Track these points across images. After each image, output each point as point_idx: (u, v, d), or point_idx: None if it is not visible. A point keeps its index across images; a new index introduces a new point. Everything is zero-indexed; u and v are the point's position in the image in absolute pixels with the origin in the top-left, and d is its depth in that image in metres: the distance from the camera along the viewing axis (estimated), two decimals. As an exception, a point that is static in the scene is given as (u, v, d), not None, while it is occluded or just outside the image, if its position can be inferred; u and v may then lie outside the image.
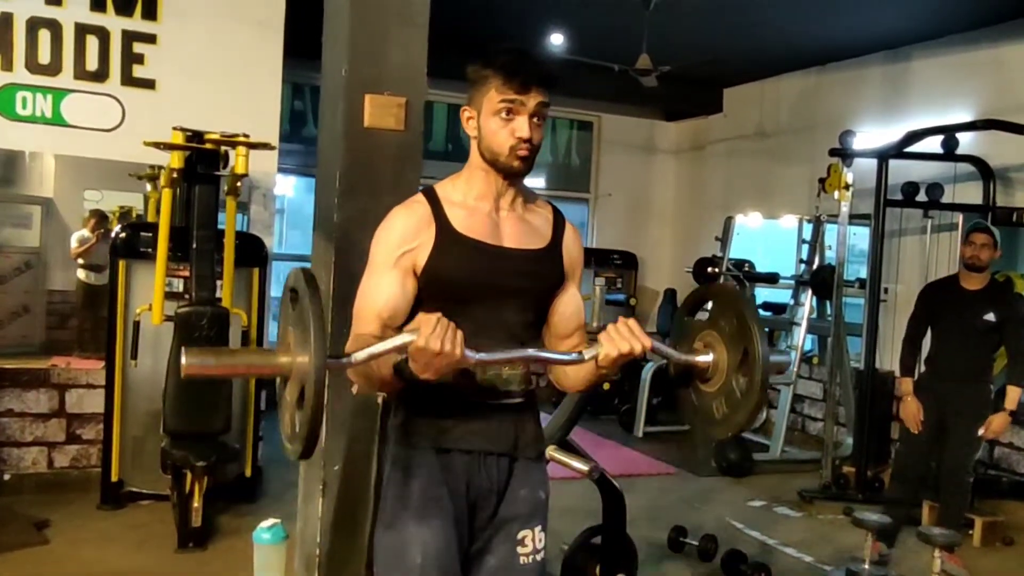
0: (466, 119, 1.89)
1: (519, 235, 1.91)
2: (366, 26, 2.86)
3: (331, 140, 2.93)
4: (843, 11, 6.10)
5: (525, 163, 1.84)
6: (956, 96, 6.20)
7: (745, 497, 5.78)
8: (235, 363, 1.72)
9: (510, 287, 1.88)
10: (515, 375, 1.90)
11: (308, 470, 2.99)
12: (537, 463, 2.00)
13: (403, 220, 1.87)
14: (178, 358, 4.03)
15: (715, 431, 1.90)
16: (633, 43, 5.99)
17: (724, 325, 1.82)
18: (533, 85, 1.79)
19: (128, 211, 7.29)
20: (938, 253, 6.03)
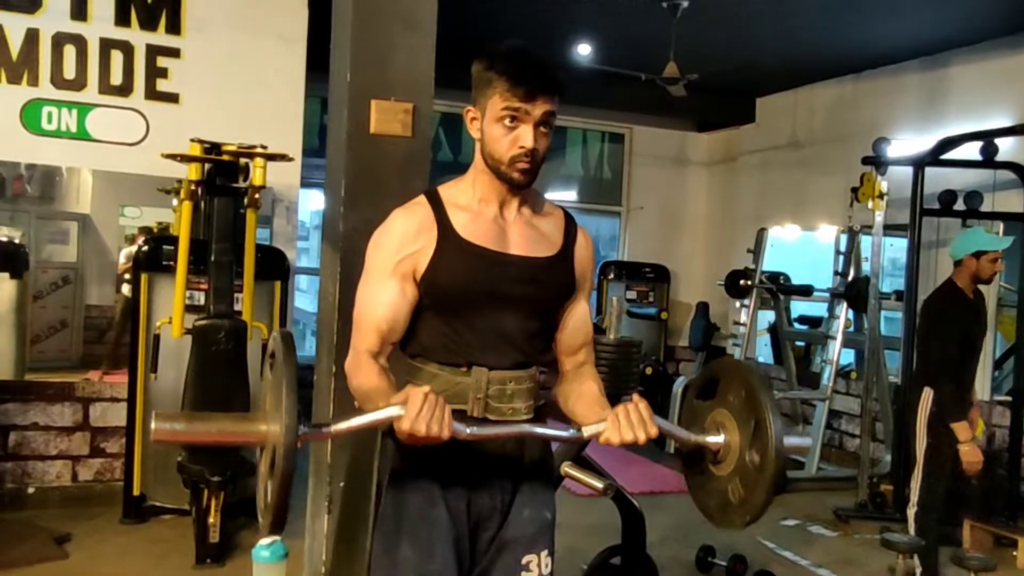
0: (470, 120, 1.80)
1: (526, 241, 1.82)
2: (370, 31, 2.81)
3: (337, 148, 2.88)
4: (878, 18, 5.95)
5: (526, 175, 1.76)
6: (995, 103, 6.00)
7: (778, 516, 5.61)
8: (207, 429, 1.62)
9: (514, 296, 1.79)
10: (521, 390, 1.81)
11: (316, 486, 2.92)
12: (543, 483, 1.90)
13: (403, 223, 1.80)
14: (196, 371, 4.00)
15: (733, 518, 1.77)
16: (661, 52, 5.89)
17: (733, 399, 1.74)
18: (539, 93, 1.71)
19: (167, 227, 7.36)
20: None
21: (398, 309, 1.78)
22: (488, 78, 1.73)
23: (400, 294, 1.77)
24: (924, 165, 5.46)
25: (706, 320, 8.16)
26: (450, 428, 1.56)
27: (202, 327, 4.28)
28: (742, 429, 1.72)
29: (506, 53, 1.75)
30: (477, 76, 1.77)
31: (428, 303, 1.79)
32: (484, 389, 1.77)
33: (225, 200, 4.36)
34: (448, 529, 1.78)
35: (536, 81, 1.71)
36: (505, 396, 1.79)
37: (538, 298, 1.83)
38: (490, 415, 1.78)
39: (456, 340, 1.79)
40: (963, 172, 5.73)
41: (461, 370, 1.78)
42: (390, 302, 1.77)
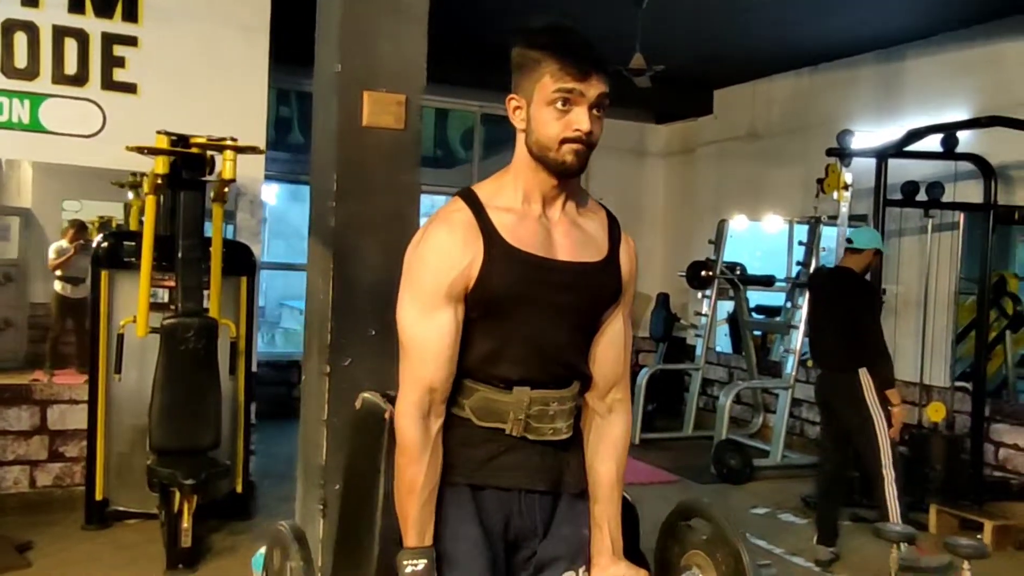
0: (513, 109, 1.65)
1: (573, 245, 1.70)
2: (359, 20, 2.72)
3: (325, 141, 2.79)
4: (835, 11, 6.02)
5: (579, 159, 1.60)
6: (952, 95, 6.12)
7: (748, 504, 5.67)
8: None
9: (560, 305, 1.68)
10: (563, 410, 1.72)
11: (307, 490, 2.84)
12: (581, 498, 1.81)
13: (448, 236, 1.63)
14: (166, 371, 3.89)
15: None
16: (625, 43, 5.87)
17: (721, 560, 1.79)
18: (594, 72, 1.58)
19: (108, 221, 7.12)
20: (939, 253, 5.94)
21: (454, 342, 1.65)
22: (535, 59, 1.60)
23: (455, 321, 1.64)
24: (888, 156, 5.55)
25: (667, 311, 8.23)
26: None
27: (171, 326, 4.14)
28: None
29: (552, 30, 1.62)
30: (520, 59, 1.63)
31: (474, 316, 1.67)
32: (525, 409, 1.68)
33: (192, 194, 4.23)
34: (482, 548, 1.70)
35: (589, 59, 1.58)
36: (547, 416, 1.70)
37: (586, 306, 1.73)
38: (529, 435, 1.69)
39: (499, 356, 1.68)
40: (923, 163, 5.83)
41: (501, 388, 1.68)
42: (452, 332, 1.64)
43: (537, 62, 1.60)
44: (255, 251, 5.13)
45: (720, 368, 8.22)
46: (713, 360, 8.14)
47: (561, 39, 1.60)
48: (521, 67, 1.63)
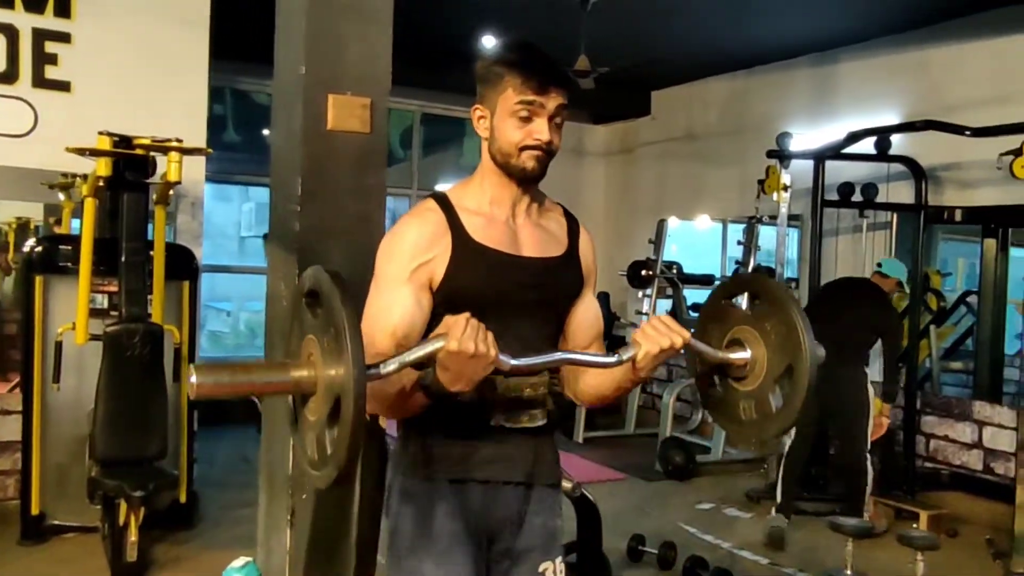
0: (477, 118, 1.76)
1: (537, 243, 1.79)
2: (324, 22, 2.68)
3: (288, 144, 2.74)
4: (770, 15, 6.17)
5: (540, 165, 1.72)
6: (883, 98, 6.32)
7: (693, 500, 5.76)
8: (251, 380, 1.49)
9: (531, 299, 1.76)
10: (538, 396, 1.77)
11: (271, 499, 2.78)
12: (553, 489, 1.88)
13: (416, 229, 1.72)
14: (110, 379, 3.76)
15: (739, 434, 1.80)
16: (565, 45, 5.91)
17: (771, 330, 1.69)
18: (553, 86, 1.69)
19: (26, 223, 6.86)
20: (874, 251, 6.14)
21: (413, 317, 1.69)
22: (498, 73, 1.70)
23: (415, 303, 1.69)
24: (826, 158, 5.69)
25: (607, 310, 8.30)
26: (496, 348, 1.51)
27: (115, 332, 4.01)
28: (772, 360, 1.69)
29: (515, 47, 1.74)
30: (485, 72, 1.74)
31: (443, 311, 1.69)
32: (502, 395, 1.73)
33: (136, 196, 4.09)
34: (466, 543, 1.75)
35: (549, 74, 1.70)
36: (522, 402, 1.75)
37: (552, 299, 1.81)
38: (507, 423, 1.74)
39: None
40: (855, 164, 6.01)
41: None
42: (405, 310, 1.68)
43: (500, 76, 1.70)
44: (197, 254, 5.00)
45: (660, 366, 8.32)
46: (653, 358, 8.22)
47: (524, 55, 1.71)
48: (485, 80, 1.73)
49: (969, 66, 5.83)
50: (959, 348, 7.77)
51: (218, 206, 13.51)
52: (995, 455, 5.48)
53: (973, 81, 5.77)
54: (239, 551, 4.47)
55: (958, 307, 7.82)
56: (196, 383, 1.39)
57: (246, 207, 17.33)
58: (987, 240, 5.85)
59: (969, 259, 9.65)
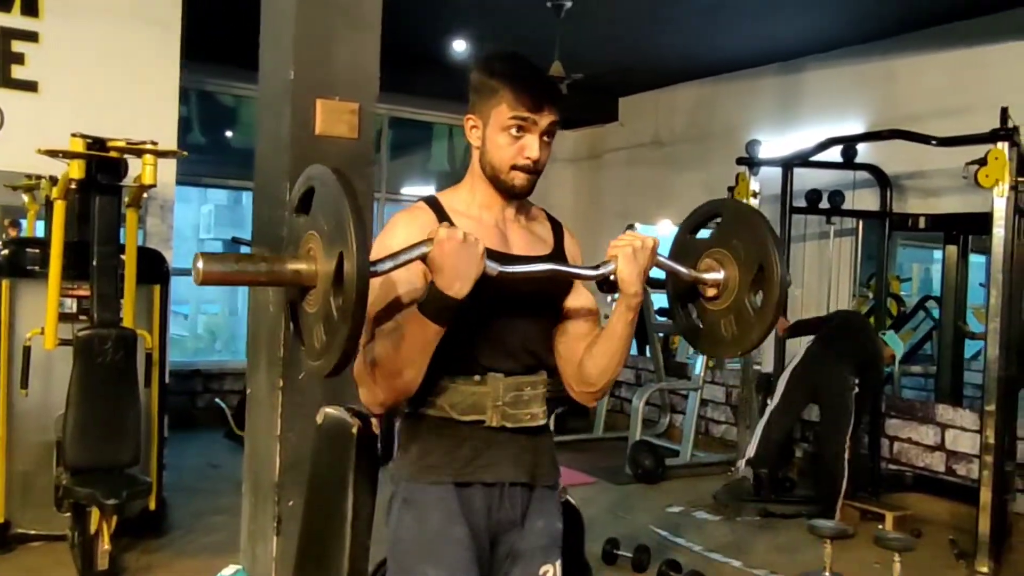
0: (470, 127, 1.79)
1: (525, 243, 1.83)
2: (313, 27, 2.67)
3: (275, 149, 2.72)
4: (738, 24, 6.25)
5: (528, 184, 1.77)
6: (847, 107, 6.44)
7: (663, 504, 5.81)
8: (256, 269, 1.53)
9: (521, 295, 1.78)
10: (536, 395, 1.80)
11: (257, 505, 2.76)
12: (553, 491, 1.90)
13: (407, 226, 1.74)
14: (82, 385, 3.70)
15: (723, 350, 1.86)
16: (540, 51, 5.95)
17: (737, 243, 1.76)
18: (546, 103, 1.71)
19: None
20: (840, 257, 6.25)
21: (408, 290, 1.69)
22: (493, 87, 1.72)
23: (409, 282, 1.69)
24: (794, 165, 5.79)
25: (575, 314, 8.32)
26: (483, 248, 1.56)
27: (86, 337, 3.94)
28: (743, 270, 1.76)
29: (510, 62, 1.75)
30: (479, 84, 1.75)
31: None
32: (501, 396, 1.75)
33: (109, 199, 4.03)
34: (470, 547, 1.76)
35: (543, 91, 1.72)
36: (522, 402, 1.78)
37: (543, 296, 1.83)
38: (508, 423, 1.76)
39: (468, 348, 1.75)
40: (820, 172, 6.11)
41: (475, 379, 1.75)
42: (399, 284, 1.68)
43: (494, 90, 1.71)
44: (167, 257, 4.94)
45: (627, 370, 8.39)
46: (620, 362, 8.29)
47: (518, 70, 1.72)
48: (479, 91, 1.75)
49: (930, 77, 5.96)
50: (918, 352, 7.95)
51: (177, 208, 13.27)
52: (957, 457, 5.61)
53: (934, 92, 5.91)
54: (211, 559, 4.45)
55: (917, 312, 8.01)
56: (203, 269, 1.42)
57: (205, 209, 17.12)
58: (949, 247, 5.99)
59: (924, 264, 9.88)
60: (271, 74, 2.77)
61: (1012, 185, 4.34)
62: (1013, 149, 4.36)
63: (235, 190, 9.87)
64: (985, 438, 4.44)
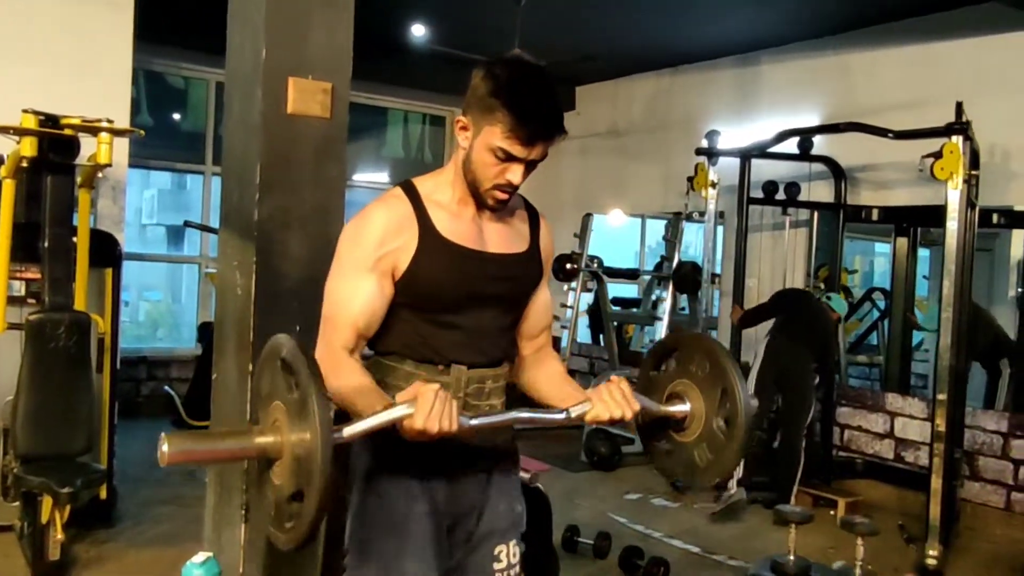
0: (459, 128, 1.74)
1: (502, 239, 1.82)
2: (286, 4, 2.60)
3: (245, 129, 2.65)
4: (696, 16, 6.29)
5: (502, 204, 1.75)
6: (803, 99, 6.53)
7: (620, 491, 5.85)
8: (223, 447, 1.57)
9: (493, 294, 1.80)
10: (497, 388, 1.83)
11: (222, 494, 2.70)
12: (514, 474, 1.94)
13: (383, 217, 1.73)
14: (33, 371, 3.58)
15: (702, 479, 1.88)
16: (500, 38, 5.91)
17: (696, 370, 1.81)
18: (540, 140, 1.66)
19: None
20: (795, 248, 6.34)
21: (376, 305, 1.73)
22: (491, 106, 1.64)
23: (378, 290, 1.72)
24: (751, 157, 5.85)
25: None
26: (458, 421, 1.55)
27: (38, 321, 3.81)
28: (707, 397, 1.81)
29: (516, 82, 1.65)
30: (479, 95, 1.67)
31: (405, 302, 1.75)
32: (463, 387, 1.77)
33: (61, 179, 3.90)
34: (431, 526, 1.78)
35: (543, 126, 1.65)
36: (483, 394, 1.80)
37: (515, 294, 1.85)
38: (467, 412, 1.75)
39: (435, 339, 1.77)
40: (775, 163, 6.18)
41: (438, 369, 1.77)
42: (368, 298, 1.71)
43: (491, 109, 1.64)
44: (120, 240, 4.80)
45: (582, 359, 8.43)
46: (575, 351, 8.33)
47: (522, 97, 1.63)
48: (478, 102, 1.67)
49: (884, 72, 6.07)
50: (864, 342, 8.13)
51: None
52: (905, 444, 5.75)
53: (887, 86, 6.02)
54: (163, 549, 4.37)
55: (864, 303, 8.18)
56: (168, 452, 1.43)
57: (148, 194, 16.69)
58: (900, 239, 6.11)
59: (867, 257, 10.09)
60: (240, 52, 2.69)
61: (965, 178, 4.43)
62: (967, 143, 4.46)
63: (182, 173, 9.62)
64: (936, 426, 4.54)
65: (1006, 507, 5.27)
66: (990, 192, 5.09)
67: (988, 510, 5.33)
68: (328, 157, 2.67)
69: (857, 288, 8.37)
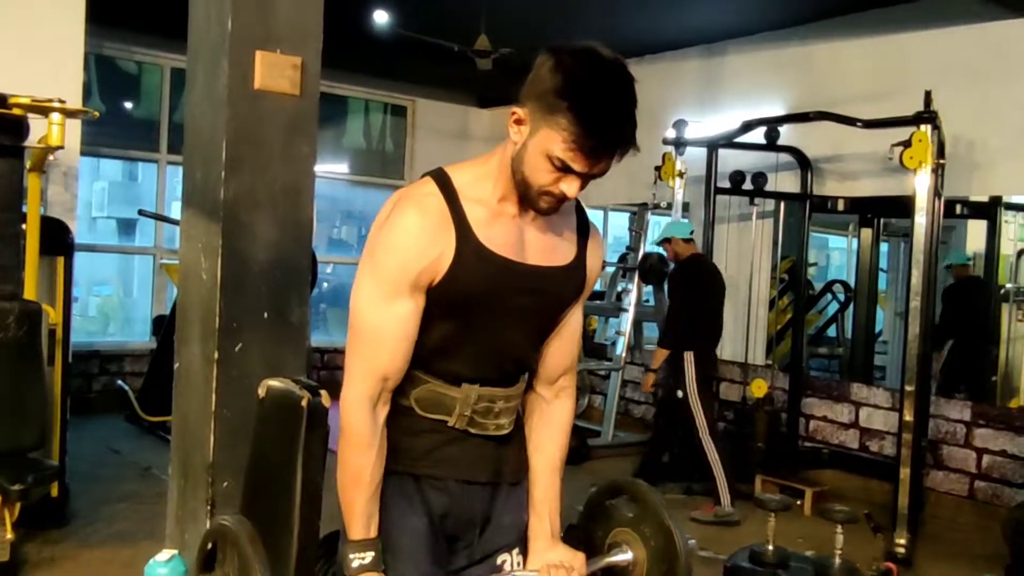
0: (514, 121, 1.51)
1: (545, 248, 1.63)
2: (252, -26, 2.48)
3: (210, 105, 2.53)
4: (661, 5, 6.25)
5: (555, 207, 1.55)
6: (768, 90, 6.52)
7: (588, 484, 5.71)
8: None
9: (526, 308, 1.63)
10: (508, 408, 1.70)
11: (186, 488, 2.57)
12: (519, 486, 1.81)
13: (418, 220, 1.52)
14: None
15: None
16: (467, 23, 5.82)
17: (650, 535, 1.78)
18: (607, 156, 1.46)
19: None
20: (762, 239, 6.34)
21: (411, 335, 1.57)
22: (556, 107, 1.43)
23: (416, 313, 1.56)
24: (719, 147, 5.82)
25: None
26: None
27: (-14, 311, 3.64)
28: (652, 562, 1.79)
29: (591, 85, 1.44)
30: (542, 89, 1.46)
31: (435, 311, 1.58)
32: (472, 405, 1.65)
33: (9, 162, 3.71)
34: (426, 537, 1.67)
35: (613, 141, 1.45)
36: (492, 413, 1.67)
37: (547, 310, 1.68)
38: (472, 429, 1.67)
39: (453, 352, 1.63)
40: (741, 153, 6.17)
41: (450, 383, 1.64)
42: (413, 324, 1.56)
43: (556, 111, 1.43)
44: (72, 228, 4.62)
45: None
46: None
47: (595, 106, 1.42)
48: (540, 93, 1.46)
49: (849, 63, 6.08)
50: (823, 334, 8.19)
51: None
52: (870, 434, 5.77)
53: (852, 77, 6.03)
54: (117, 548, 4.22)
55: (824, 295, 8.24)
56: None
57: (98, 186, 16.27)
58: (864, 230, 6.14)
59: (823, 251, 10.19)
60: (203, 24, 2.56)
61: (934, 167, 4.44)
62: (935, 132, 4.47)
63: (134, 162, 9.35)
64: (904, 416, 4.54)
65: (969, 495, 5.31)
66: (953, 183, 5.12)
67: (952, 498, 5.37)
68: (298, 133, 2.56)
69: (813, 280, 8.42)
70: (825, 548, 4.34)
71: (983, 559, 4.60)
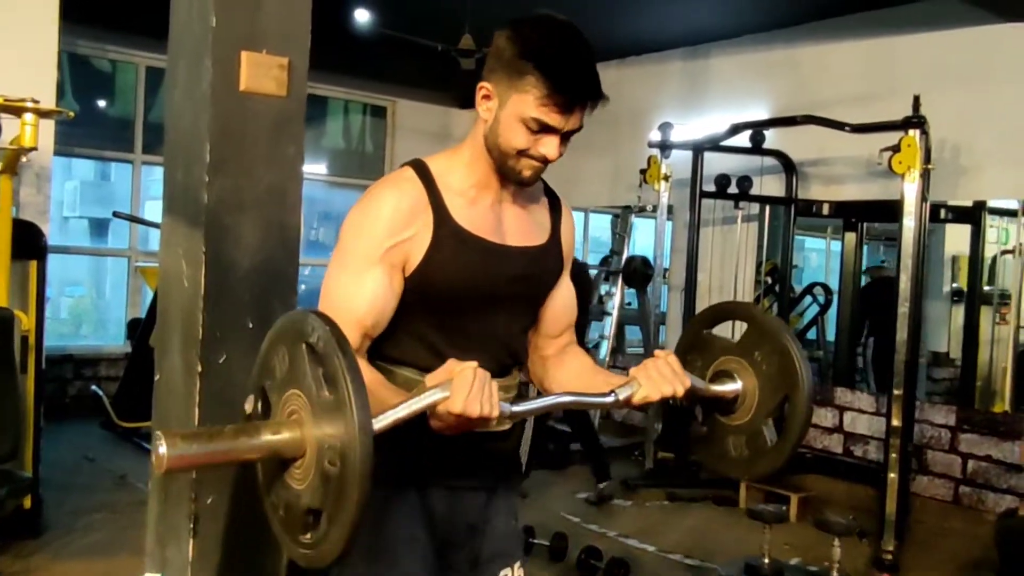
0: (482, 97, 1.55)
1: (522, 230, 1.65)
2: (237, -30, 2.39)
3: (192, 105, 2.43)
4: (645, 7, 6.21)
5: (535, 175, 1.57)
6: (754, 93, 6.50)
7: (571, 489, 5.74)
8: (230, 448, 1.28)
9: (510, 293, 1.62)
10: (506, 399, 1.61)
11: (167, 503, 2.47)
12: (514, 491, 1.80)
13: (393, 202, 1.52)
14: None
15: (725, 468, 1.70)
16: (450, 22, 5.74)
17: (761, 361, 1.62)
18: (579, 106, 1.50)
19: None
20: (746, 242, 6.31)
21: (384, 302, 1.53)
22: (521, 69, 1.48)
23: (387, 284, 1.52)
24: (704, 150, 5.78)
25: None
26: (499, 406, 1.35)
27: (-45, 317, 3.51)
28: (764, 393, 1.62)
29: (550, 40, 1.50)
30: (506, 58, 1.50)
31: (409, 300, 1.56)
32: None
33: (-19, 163, 3.60)
34: (424, 549, 1.63)
35: (581, 89, 1.50)
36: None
37: (533, 293, 1.69)
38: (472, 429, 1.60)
39: (439, 345, 1.58)
40: (726, 157, 6.14)
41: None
42: (375, 294, 1.52)
43: (522, 73, 1.48)
44: (45, 231, 4.49)
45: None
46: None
47: (557, 60, 1.47)
48: (503, 63, 1.51)
49: (835, 66, 6.07)
50: (804, 336, 8.19)
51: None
52: (854, 439, 5.76)
53: (838, 80, 6.02)
54: (93, 561, 4.12)
55: (804, 297, 8.24)
56: (167, 454, 1.19)
57: (69, 186, 16.02)
58: (848, 234, 6.13)
59: (800, 252, 10.20)
60: (185, 22, 2.47)
61: (922, 172, 4.42)
62: (923, 137, 4.44)
63: (107, 162, 9.19)
64: (892, 422, 4.52)
65: (954, 500, 5.31)
66: (939, 188, 5.11)
67: (937, 503, 5.37)
68: (284, 136, 2.47)
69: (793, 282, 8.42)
70: (811, 554, 4.34)
71: (970, 565, 4.59)
